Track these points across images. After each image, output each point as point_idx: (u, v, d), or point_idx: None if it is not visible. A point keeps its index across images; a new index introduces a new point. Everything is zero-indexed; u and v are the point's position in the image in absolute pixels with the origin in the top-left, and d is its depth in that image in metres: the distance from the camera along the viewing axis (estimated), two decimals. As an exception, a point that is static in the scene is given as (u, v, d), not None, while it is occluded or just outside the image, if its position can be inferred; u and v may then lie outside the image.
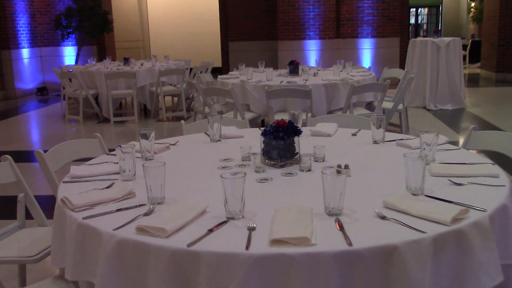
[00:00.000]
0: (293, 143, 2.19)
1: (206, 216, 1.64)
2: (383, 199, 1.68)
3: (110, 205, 1.76)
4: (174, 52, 13.50)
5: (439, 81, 7.97)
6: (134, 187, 1.91)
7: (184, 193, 1.89)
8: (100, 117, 7.86)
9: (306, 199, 1.80)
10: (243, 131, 2.92)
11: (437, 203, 1.68)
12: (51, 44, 11.60)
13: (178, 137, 2.83)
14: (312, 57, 10.82)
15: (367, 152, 2.40)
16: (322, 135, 2.75)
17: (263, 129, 2.21)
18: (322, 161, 2.23)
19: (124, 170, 2.06)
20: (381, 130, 2.53)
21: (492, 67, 11.43)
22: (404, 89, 5.39)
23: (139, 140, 2.37)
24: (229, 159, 2.32)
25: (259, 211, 1.67)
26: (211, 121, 2.69)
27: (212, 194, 1.83)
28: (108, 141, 6.84)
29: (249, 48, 11.88)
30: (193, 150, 2.56)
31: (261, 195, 1.85)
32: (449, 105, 8.00)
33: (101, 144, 2.81)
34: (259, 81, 5.48)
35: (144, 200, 1.78)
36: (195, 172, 2.17)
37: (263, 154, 2.21)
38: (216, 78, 6.31)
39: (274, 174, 2.06)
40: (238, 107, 4.94)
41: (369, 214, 1.61)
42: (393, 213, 1.61)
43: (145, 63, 8.80)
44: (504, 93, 9.95)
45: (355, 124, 3.19)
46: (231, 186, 1.59)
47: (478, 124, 7.08)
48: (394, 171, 2.08)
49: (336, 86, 5.27)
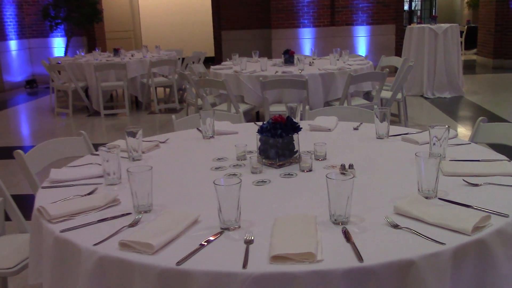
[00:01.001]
0: (292, 141, 2.02)
1: (198, 226, 1.48)
2: (394, 204, 1.52)
3: (92, 214, 1.59)
4: (166, 42, 13.25)
5: (437, 68, 7.81)
6: (118, 193, 1.74)
7: (174, 199, 1.72)
8: (90, 110, 7.66)
9: (309, 204, 1.64)
10: (237, 127, 2.75)
11: (453, 208, 1.52)
12: (40, 35, 11.32)
13: (169, 134, 2.66)
14: (307, 46, 10.62)
15: (371, 149, 2.24)
16: (322, 129, 2.58)
17: (259, 125, 2.04)
18: (323, 159, 2.07)
19: (109, 173, 1.89)
20: (385, 124, 2.36)
21: (488, 54, 11.28)
22: (403, 77, 5.23)
23: (126, 139, 2.19)
24: (223, 158, 2.15)
25: (257, 220, 1.50)
26: (203, 116, 2.52)
27: (204, 200, 1.66)
28: (99, 135, 6.66)
29: (242, 37, 11.66)
30: (184, 148, 2.39)
31: (259, 200, 1.69)
32: (447, 93, 7.85)
33: (86, 142, 2.63)
34: (253, 72, 5.29)
35: (130, 208, 1.61)
36: (186, 174, 2.00)
37: (259, 153, 2.04)
38: (209, 68, 6.13)
39: (272, 175, 1.89)
40: (232, 99, 4.76)
41: (379, 222, 1.45)
42: (406, 220, 1.45)
43: (135, 53, 8.58)
44: (502, 79, 9.80)
45: (355, 116, 3.02)
46: (225, 194, 1.42)
47: (477, 112, 6.93)
48: (403, 170, 1.92)
49: (333, 75, 5.10)
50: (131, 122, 7.17)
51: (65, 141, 2.62)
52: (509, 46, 10.80)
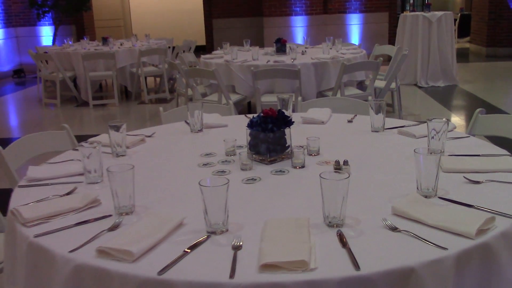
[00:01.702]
0: (283, 135, 1.92)
1: (183, 230, 1.38)
2: (392, 204, 1.42)
3: (69, 217, 1.49)
4: (157, 30, 13.06)
5: (431, 57, 7.71)
6: (100, 192, 1.63)
7: (158, 199, 1.62)
8: (79, 101, 7.51)
9: (301, 204, 1.54)
10: (227, 119, 2.64)
11: (455, 208, 1.43)
12: (27, 24, 11.10)
13: (156, 127, 2.55)
14: (299, 34, 10.49)
15: (366, 143, 2.14)
16: (315, 122, 2.48)
17: (249, 119, 1.94)
18: (316, 154, 1.97)
19: (89, 170, 1.78)
20: (381, 116, 2.27)
21: (482, 42, 11.20)
22: (397, 67, 5.13)
23: (109, 133, 2.08)
24: (212, 153, 2.05)
25: (246, 222, 1.40)
26: (191, 109, 2.41)
27: (191, 200, 1.56)
28: (88, 126, 6.53)
29: (234, 26, 11.50)
30: (171, 143, 2.28)
31: (248, 200, 1.59)
32: (440, 81, 7.77)
33: (70, 136, 2.52)
34: (245, 61, 5.17)
35: (111, 209, 1.51)
36: (172, 171, 1.90)
37: (249, 148, 1.94)
38: (199, 57, 6.00)
39: (262, 172, 1.80)
40: (223, 89, 4.64)
41: (376, 224, 1.35)
42: (405, 222, 1.36)
43: (125, 42, 8.41)
44: (495, 68, 9.73)
45: (349, 108, 2.93)
46: (211, 196, 1.32)
47: (471, 102, 6.86)
48: (400, 166, 1.82)
49: (326, 65, 4.99)
50: (121, 112, 7.04)
51: (47, 135, 2.50)
52: (502, 34, 10.72)
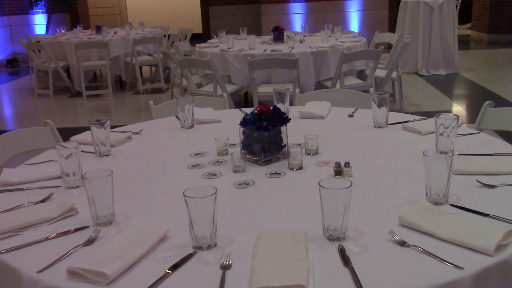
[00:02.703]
0: (279, 133, 1.77)
1: (166, 244, 1.23)
2: (399, 214, 1.28)
3: (42, 228, 1.34)
4: (153, 18, 12.85)
5: (432, 44, 7.53)
6: (78, 199, 1.49)
7: (140, 207, 1.47)
8: (72, 91, 7.33)
9: (298, 212, 1.40)
10: (220, 114, 2.49)
11: (469, 218, 1.29)
12: (20, 12, 10.87)
13: (144, 123, 2.40)
14: (297, 21, 10.29)
15: (369, 141, 1.99)
16: (314, 117, 2.33)
17: (242, 116, 1.79)
18: (315, 154, 1.82)
19: (67, 173, 1.64)
20: (384, 110, 2.12)
21: (483, 28, 11.00)
22: (398, 55, 4.96)
23: (91, 131, 1.93)
24: (202, 153, 1.90)
25: (237, 234, 1.26)
26: (181, 103, 2.25)
27: (176, 208, 1.42)
28: (81, 117, 6.37)
29: (231, 13, 11.29)
30: (160, 140, 2.13)
31: (240, 207, 1.44)
32: (442, 70, 7.59)
33: (54, 133, 2.37)
34: (241, 50, 5.00)
35: (88, 219, 1.36)
36: (158, 173, 1.75)
37: (243, 147, 1.80)
38: (194, 46, 5.82)
39: (256, 175, 1.65)
40: (218, 80, 4.48)
41: (382, 238, 1.21)
42: (414, 235, 1.22)
43: (119, 31, 8.21)
44: (497, 55, 9.55)
45: (349, 100, 2.78)
46: (197, 208, 1.18)
47: (474, 90, 6.70)
48: (406, 168, 1.68)
49: (325, 54, 4.82)
50: (115, 103, 6.88)
51: (28, 132, 2.34)
52: (504, 20, 10.52)
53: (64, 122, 5.93)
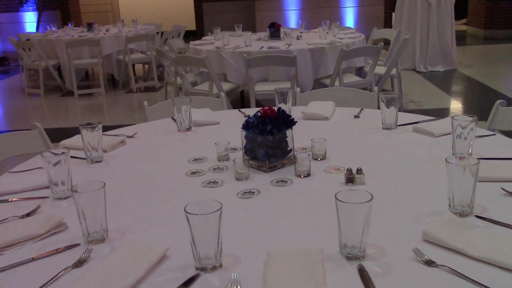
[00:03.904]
0: (284, 137, 1.65)
1: (166, 266, 1.11)
2: (423, 228, 1.16)
3: (28, 247, 1.22)
4: (145, 15, 12.68)
5: (430, 40, 7.43)
6: (67, 212, 1.36)
7: (136, 221, 1.34)
8: (64, 90, 7.17)
9: (310, 225, 1.27)
10: (219, 115, 2.36)
11: (499, 233, 1.17)
12: (10, 9, 10.66)
13: (138, 126, 2.27)
14: (292, 18, 10.15)
15: (379, 144, 1.87)
16: (318, 118, 2.21)
17: (245, 118, 1.66)
18: (322, 159, 1.70)
19: (56, 183, 1.51)
20: (393, 111, 2.00)
21: (479, 24, 10.91)
22: (398, 52, 4.85)
23: (82, 135, 1.80)
24: (202, 158, 1.78)
25: (244, 253, 1.14)
26: (177, 104, 2.13)
27: (176, 222, 1.30)
28: (73, 116, 6.23)
29: (225, 9, 11.13)
30: (155, 145, 2.00)
31: (245, 220, 1.32)
32: (440, 66, 7.49)
33: (42, 137, 2.24)
34: (237, 47, 4.87)
35: (79, 235, 1.24)
36: (155, 182, 1.61)
37: (245, 153, 1.67)
38: (188, 43, 5.68)
39: (261, 183, 1.53)
40: (214, 78, 4.35)
41: (405, 256, 1.09)
42: (439, 252, 1.10)
43: (111, 28, 8.05)
44: (494, 51, 9.47)
45: (352, 99, 2.67)
46: (200, 225, 1.05)
47: (473, 87, 6.60)
48: (422, 174, 1.56)
49: (323, 50, 4.70)
50: (108, 102, 6.73)
51: (15, 136, 2.21)
52: (501, 16, 10.44)
53: (55, 122, 5.78)
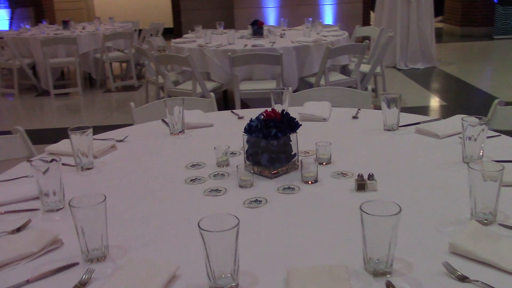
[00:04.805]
0: (288, 141, 1.57)
1: (177, 286, 1.01)
2: (450, 240, 1.09)
3: (20, 267, 1.11)
4: (121, 12, 12.44)
5: (410, 38, 7.44)
6: (60, 228, 1.26)
7: (138, 235, 1.24)
8: (39, 90, 6.96)
9: (327, 236, 1.19)
10: (211, 117, 2.27)
11: (529, 242, 1.11)
12: (-20, 6, 10.36)
13: (128, 129, 2.16)
14: (271, 15, 10.08)
15: (383, 146, 1.81)
16: (316, 119, 2.14)
17: (247, 123, 1.57)
18: (327, 163, 1.63)
19: (47, 193, 1.40)
20: (395, 111, 1.94)
21: (456, 21, 11.00)
22: (383, 49, 4.82)
23: (70, 140, 1.69)
24: (199, 164, 1.68)
25: (261, 270, 1.05)
26: (169, 106, 2.02)
27: (182, 236, 1.20)
28: (49, 117, 6.04)
29: (203, 6, 11.00)
30: (148, 149, 1.89)
31: (256, 232, 1.23)
32: (420, 63, 7.51)
33: (25, 141, 2.11)
34: (220, 45, 4.77)
35: (77, 252, 1.13)
36: (153, 191, 1.51)
37: (247, 158, 1.59)
38: (168, 41, 5.56)
39: (267, 191, 1.44)
40: (198, 77, 4.25)
41: (434, 270, 1.02)
42: (468, 264, 1.03)
43: (87, 26, 7.86)
44: (471, 48, 9.56)
45: (345, 98, 2.62)
46: (216, 243, 0.96)
47: (454, 84, 6.63)
48: (434, 178, 1.49)
49: (308, 48, 4.63)
50: (85, 102, 6.55)
51: (-5, 141, 2.08)
52: (477, 13, 10.53)
53: (30, 124, 5.59)
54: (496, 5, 10.19)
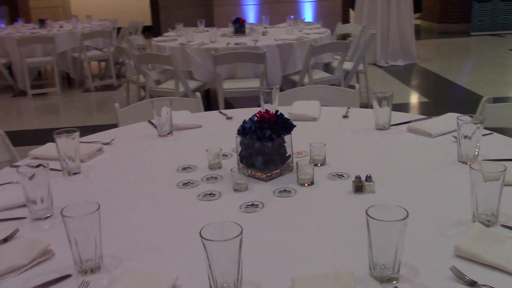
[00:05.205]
0: (282, 143, 1.54)
1: (177, 297, 0.98)
2: (455, 243, 1.07)
3: (10, 280, 1.05)
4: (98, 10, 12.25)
5: (390, 35, 7.47)
6: (50, 237, 1.20)
7: (132, 243, 1.19)
8: (16, 90, 6.80)
9: (330, 243, 1.16)
10: (199, 117, 2.22)
11: (533, 243, 1.10)
12: (-48, 5, 10.10)
13: (114, 131, 2.10)
14: (251, 12, 10.04)
15: (376, 146, 1.78)
16: (306, 119, 2.11)
17: (240, 125, 1.54)
18: (322, 164, 1.60)
19: (34, 200, 1.34)
20: (387, 110, 1.92)
21: (434, 18, 11.10)
22: (365, 47, 4.82)
23: (56, 144, 1.63)
24: (191, 166, 1.64)
25: (265, 278, 1.02)
26: (157, 106, 1.97)
27: (178, 243, 1.16)
28: (27, 118, 5.92)
29: (182, 4, 10.90)
30: (136, 152, 1.84)
31: (256, 238, 1.19)
32: (400, 60, 7.56)
33: (6, 145, 2.04)
34: (202, 44, 4.72)
35: (69, 263, 1.08)
36: (145, 196, 1.46)
37: (240, 160, 1.55)
38: (148, 39, 5.48)
39: (263, 194, 1.41)
40: (180, 76, 4.19)
41: (441, 275, 1.00)
42: (475, 268, 1.01)
43: (64, 25, 7.71)
44: (449, 45, 9.65)
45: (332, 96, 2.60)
46: (219, 252, 0.93)
47: (434, 80, 6.68)
48: (431, 178, 1.48)
49: (292, 46, 4.60)
50: (64, 102, 6.43)
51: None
52: (454, 10, 10.65)
53: (8, 125, 5.45)
54: (473, 2, 10.31)
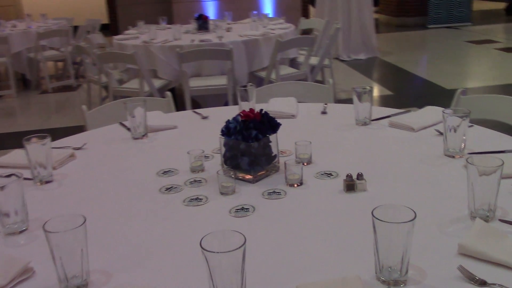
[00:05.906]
0: (268, 143, 1.48)
1: (176, 314, 0.91)
2: (458, 241, 1.04)
3: (-12, 304, 0.97)
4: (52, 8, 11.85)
5: (352, 29, 7.52)
6: (28, 253, 1.11)
7: (118, 258, 1.11)
8: (-32, 93, 6.51)
9: (330, 245, 1.11)
10: (173, 118, 2.15)
11: (535, 237, 1.08)
12: None
13: (84, 134, 2.00)
14: (210, 8, 9.91)
15: (360, 142, 1.75)
16: (284, 116, 2.06)
17: (224, 125, 1.47)
18: (308, 163, 1.55)
19: (7, 213, 1.24)
20: (368, 105, 1.90)
21: (391, 12, 11.26)
22: (331, 41, 4.81)
23: (26, 151, 1.52)
24: (172, 170, 1.57)
25: (266, 285, 0.96)
26: (130, 108, 1.88)
27: (170, 254, 1.09)
28: (-19, 123, 5.63)
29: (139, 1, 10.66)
30: (111, 156, 1.75)
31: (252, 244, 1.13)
32: (362, 54, 7.62)
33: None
34: (166, 41, 4.60)
35: (52, 282, 1.00)
36: (127, 203, 1.38)
37: (225, 161, 1.49)
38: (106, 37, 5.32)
39: (252, 197, 1.35)
40: (145, 75, 4.07)
41: (449, 275, 0.97)
42: (480, 266, 0.99)
43: (18, 24, 7.41)
44: (408, 37, 9.80)
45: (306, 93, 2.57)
46: (221, 264, 0.87)
47: (397, 73, 6.76)
48: (420, 173, 1.45)
49: (257, 42, 4.55)
50: (20, 104, 6.18)
51: None
52: (410, 3, 10.83)
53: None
54: (428, -5, 10.51)
